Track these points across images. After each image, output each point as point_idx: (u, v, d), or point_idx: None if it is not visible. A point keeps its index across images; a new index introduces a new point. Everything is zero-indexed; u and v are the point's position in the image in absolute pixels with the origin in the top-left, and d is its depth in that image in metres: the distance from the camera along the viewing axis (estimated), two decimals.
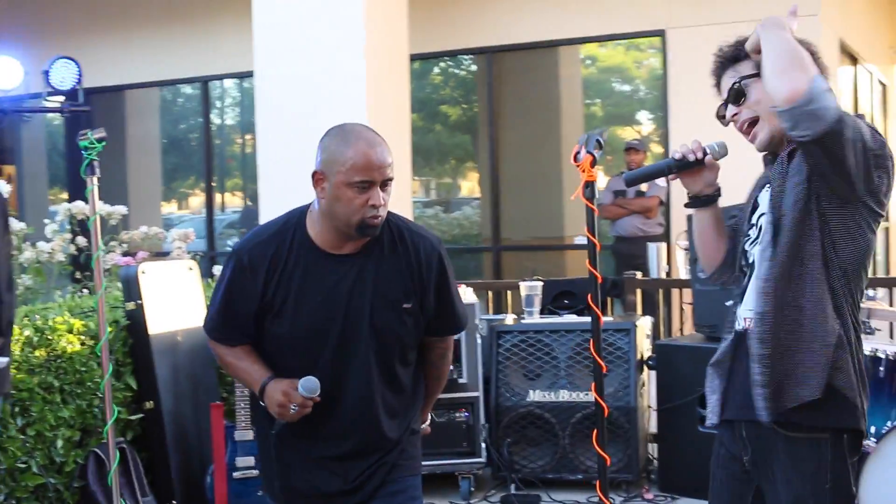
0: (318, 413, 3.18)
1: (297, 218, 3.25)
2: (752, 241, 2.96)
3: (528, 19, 11.06)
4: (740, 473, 2.95)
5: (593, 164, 2.77)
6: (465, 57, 12.43)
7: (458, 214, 12.77)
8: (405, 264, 3.23)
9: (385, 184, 3.10)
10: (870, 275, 2.98)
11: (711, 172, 3.06)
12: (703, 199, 3.08)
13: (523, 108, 11.94)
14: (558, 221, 11.89)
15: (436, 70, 12.85)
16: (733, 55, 3.00)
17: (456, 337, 5.73)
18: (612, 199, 9.90)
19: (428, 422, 3.60)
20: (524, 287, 6.18)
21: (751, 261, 2.95)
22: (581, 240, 11.58)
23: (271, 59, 6.98)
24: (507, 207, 11.64)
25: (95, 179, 3.98)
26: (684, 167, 3.03)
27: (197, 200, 13.97)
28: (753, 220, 3.00)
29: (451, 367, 5.74)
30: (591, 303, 2.73)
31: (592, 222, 2.73)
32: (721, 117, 3.04)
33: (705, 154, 3.02)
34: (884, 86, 15.19)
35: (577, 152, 2.78)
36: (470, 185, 13.60)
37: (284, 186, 6.11)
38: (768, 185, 2.93)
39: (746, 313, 2.89)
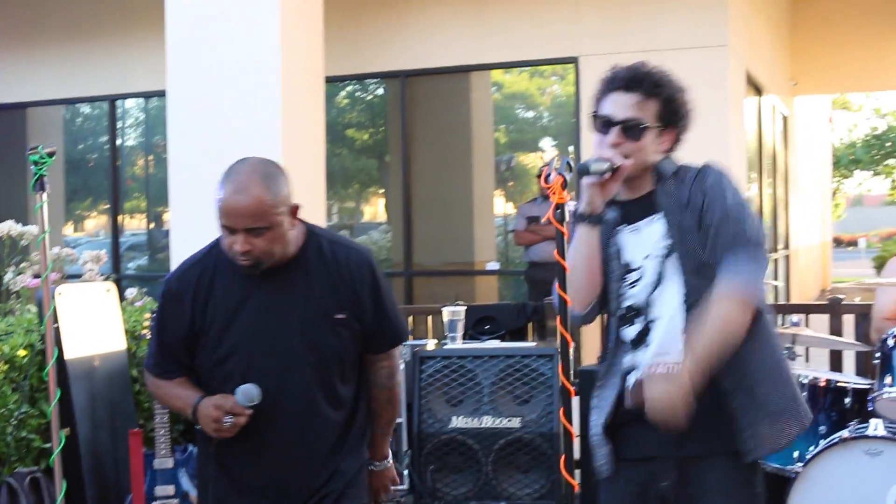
0: (258, 434, 3.14)
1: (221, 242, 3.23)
2: (632, 284, 3.07)
3: (443, 43, 11.09)
4: (642, 499, 3.09)
5: (564, 186, 2.74)
6: (372, 81, 12.40)
7: (365, 238, 12.69)
8: (335, 277, 3.21)
9: (252, 231, 3.04)
10: (771, 301, 3.10)
11: (615, 186, 3.04)
12: (598, 217, 3.04)
13: (435, 132, 11.94)
14: (469, 247, 11.90)
15: (343, 94, 12.78)
16: (627, 82, 3.05)
17: None
18: (525, 226, 9.92)
19: (389, 459, 3.52)
20: (447, 312, 6.13)
21: (633, 304, 3.06)
22: (493, 265, 11.59)
23: (183, 79, 6.85)
24: (419, 232, 11.61)
25: (45, 196, 3.82)
26: (611, 171, 3.00)
27: (98, 222, 13.69)
28: (634, 264, 3.08)
29: None
30: (560, 326, 2.70)
31: (562, 245, 2.69)
32: (603, 122, 3.07)
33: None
34: (784, 117, 15.54)
35: (548, 174, 2.75)
36: (373, 210, 13.54)
37: (196, 209, 5.98)
38: (630, 229, 3.07)
39: (656, 358, 2.99)
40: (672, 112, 3.10)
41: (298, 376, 3.15)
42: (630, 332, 3.09)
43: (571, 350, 6.25)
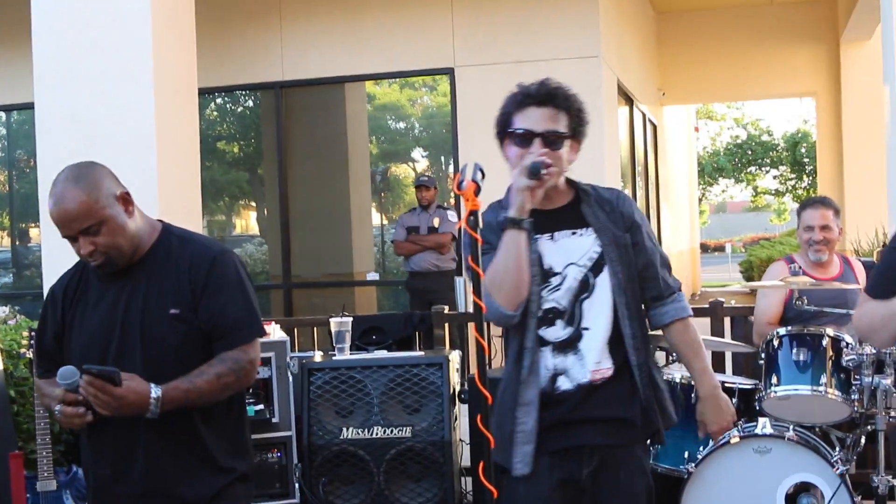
0: (106, 429, 3.15)
1: None
2: (554, 288, 3.27)
3: (318, 55, 11.03)
4: (574, 492, 3.29)
5: (477, 192, 2.75)
6: (242, 92, 12.26)
7: (239, 252, 12.53)
8: (176, 272, 3.23)
9: (88, 231, 3.12)
10: None
11: (541, 192, 3.21)
12: (528, 221, 3.16)
13: (311, 143, 11.86)
14: (347, 258, 11.84)
15: (212, 106, 12.61)
16: (542, 97, 3.27)
17: (266, 375, 5.65)
18: (404, 236, 9.90)
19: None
20: (334, 323, 6.06)
21: (554, 307, 3.27)
22: (373, 276, 11.55)
23: (53, 93, 6.62)
24: (297, 244, 11.50)
25: None
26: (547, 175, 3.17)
27: None
28: (555, 269, 3.29)
29: (262, 407, 5.65)
30: (476, 334, 2.68)
31: (476, 252, 2.67)
32: (522, 136, 3.25)
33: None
34: (654, 126, 15.88)
35: (461, 181, 2.78)
36: (244, 223, 13.40)
37: None
38: (546, 238, 3.30)
39: (592, 366, 3.27)
40: (579, 124, 3.33)
41: (140, 371, 3.10)
42: (553, 333, 3.28)
43: (459, 357, 6.23)
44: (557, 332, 3.28)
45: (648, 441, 3.57)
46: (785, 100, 34.51)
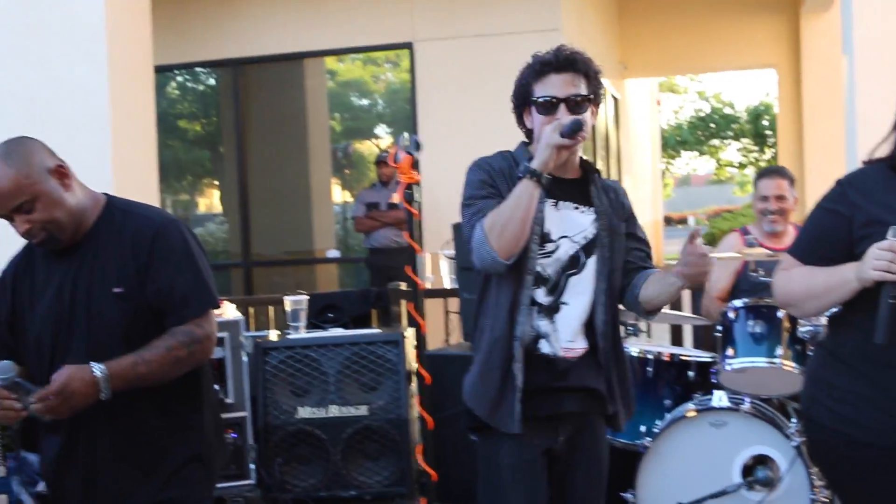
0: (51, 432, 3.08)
1: None
2: (546, 254, 3.31)
3: (275, 31, 10.91)
4: (544, 459, 3.35)
5: (414, 165, 2.70)
6: (203, 70, 12.13)
7: (200, 231, 12.44)
8: (118, 248, 3.11)
9: (22, 208, 3.02)
10: None
11: (568, 153, 3.25)
12: (547, 177, 3.17)
13: (270, 120, 11.76)
14: (308, 235, 11.77)
15: (173, 84, 12.47)
16: (561, 63, 3.28)
17: (220, 355, 5.58)
18: (364, 212, 9.84)
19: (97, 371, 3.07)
20: (289, 302, 6.00)
21: (541, 273, 3.30)
22: (333, 253, 11.49)
23: (4, 74, 6.52)
24: (257, 222, 11.41)
25: None
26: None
27: None
28: (552, 236, 3.31)
29: (217, 388, 5.58)
30: (413, 311, 2.65)
31: (411, 226, 2.63)
32: (545, 104, 3.28)
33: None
34: (616, 99, 15.85)
35: (396, 154, 2.73)
36: (208, 202, 13.29)
37: None
38: (551, 203, 3.29)
39: (565, 342, 3.33)
40: (597, 87, 3.36)
41: (84, 355, 2.99)
42: (539, 295, 3.32)
43: (416, 334, 6.20)
44: (540, 296, 3.32)
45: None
46: (747, 72, 34.63)
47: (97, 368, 2.92)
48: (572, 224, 3.35)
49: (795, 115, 16.21)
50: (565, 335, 3.33)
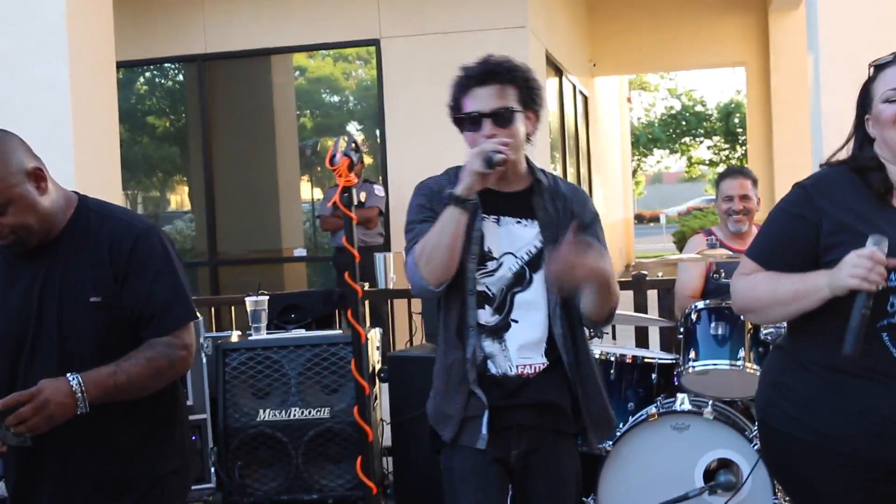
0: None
1: None
2: (488, 273, 3.22)
3: (241, 27, 10.83)
4: (501, 471, 3.25)
5: (350, 167, 2.63)
6: (172, 66, 12.02)
7: (170, 229, 12.31)
8: (95, 253, 2.93)
9: None
10: None
11: (495, 178, 3.16)
12: (472, 202, 3.11)
13: (236, 117, 11.66)
14: (275, 234, 11.68)
15: (141, 80, 12.36)
16: (484, 76, 3.20)
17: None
18: (331, 211, 9.76)
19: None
20: (249, 302, 5.93)
21: (485, 292, 3.22)
22: (301, 252, 11.40)
23: None
24: (223, 220, 11.31)
25: None
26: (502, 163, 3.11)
27: None
28: (493, 253, 3.23)
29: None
30: (351, 319, 2.57)
31: (351, 231, 2.57)
32: (471, 119, 3.19)
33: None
34: (585, 97, 15.85)
35: (333, 155, 2.65)
36: (179, 199, 13.18)
37: None
38: (493, 219, 3.24)
39: (518, 360, 3.23)
40: (530, 93, 3.25)
41: (54, 366, 2.83)
42: (483, 316, 3.24)
43: (380, 335, 6.14)
44: (486, 317, 3.25)
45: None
46: (718, 70, 34.74)
47: (72, 379, 2.76)
48: (515, 239, 3.26)
49: (765, 113, 16.26)
50: (515, 352, 3.24)
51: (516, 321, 3.24)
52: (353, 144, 2.61)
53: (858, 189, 2.86)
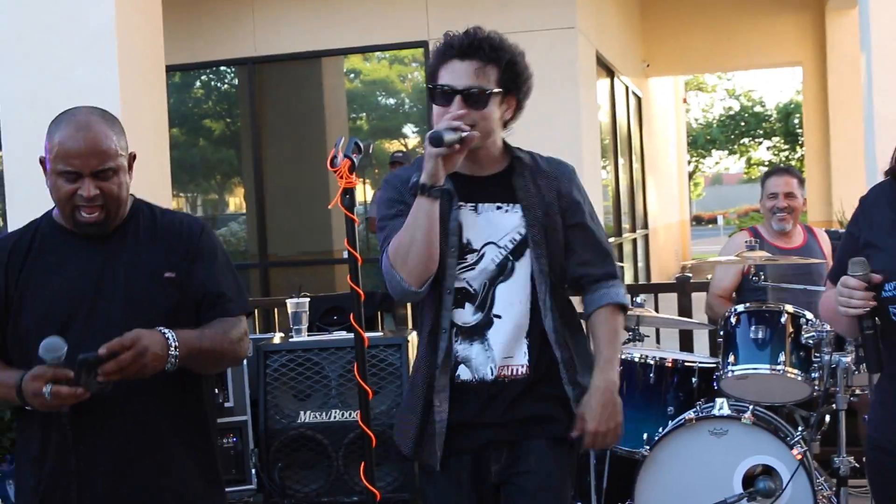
0: (87, 422, 2.78)
1: (47, 212, 3.04)
2: (468, 267, 2.97)
3: (290, 29, 10.88)
4: (489, 487, 3.02)
5: (352, 169, 2.58)
6: (227, 69, 12.11)
7: (225, 231, 12.42)
8: (167, 236, 2.97)
9: (100, 174, 2.82)
10: (631, 281, 3.12)
11: (460, 158, 2.89)
12: (439, 189, 2.84)
13: (287, 120, 11.72)
14: (326, 235, 11.72)
15: (197, 83, 12.47)
16: (465, 49, 2.90)
17: None
18: None
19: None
20: (290, 304, 5.95)
21: (465, 288, 2.98)
22: None
23: (12, 76, 6.48)
24: (274, 222, 11.38)
25: None
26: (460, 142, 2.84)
27: None
28: (473, 245, 2.99)
29: (216, 391, 5.54)
30: (353, 321, 2.54)
31: (353, 234, 2.54)
32: (443, 93, 2.92)
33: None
34: (638, 98, 15.74)
35: (334, 157, 2.59)
36: (236, 201, 13.27)
37: (36, 211, 5.68)
38: (470, 207, 2.98)
39: (501, 360, 2.98)
40: (513, 77, 2.97)
41: (121, 331, 2.72)
42: (460, 316, 2.99)
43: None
44: (465, 316, 2.98)
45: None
46: (777, 70, 34.35)
47: (168, 333, 2.73)
48: (497, 228, 2.99)
49: (822, 114, 16.04)
50: (499, 352, 2.97)
51: (499, 316, 2.98)
52: (355, 145, 2.57)
53: (888, 200, 2.81)
